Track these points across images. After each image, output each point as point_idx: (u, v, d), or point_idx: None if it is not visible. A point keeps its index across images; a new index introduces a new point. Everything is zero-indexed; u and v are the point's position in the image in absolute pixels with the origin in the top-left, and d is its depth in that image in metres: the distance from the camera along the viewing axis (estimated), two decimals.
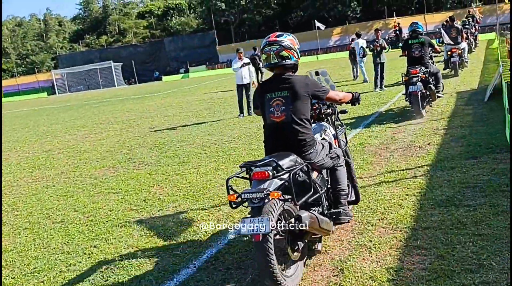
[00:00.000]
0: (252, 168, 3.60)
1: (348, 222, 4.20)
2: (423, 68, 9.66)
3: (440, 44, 15.24)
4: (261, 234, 3.25)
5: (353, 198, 4.56)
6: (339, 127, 4.76)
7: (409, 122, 9.09)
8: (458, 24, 17.24)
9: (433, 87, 9.93)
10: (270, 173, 3.50)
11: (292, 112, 3.87)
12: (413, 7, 52.52)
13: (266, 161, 3.57)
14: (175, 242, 4.79)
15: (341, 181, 4.18)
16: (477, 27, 25.06)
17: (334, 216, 4.08)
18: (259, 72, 23.96)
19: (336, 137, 4.57)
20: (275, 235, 3.41)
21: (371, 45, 15.02)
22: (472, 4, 39.60)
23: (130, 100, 26.14)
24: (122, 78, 53.89)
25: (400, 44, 12.38)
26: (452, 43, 15.12)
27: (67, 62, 60.39)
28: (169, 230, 5.14)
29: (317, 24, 34.67)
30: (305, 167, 3.75)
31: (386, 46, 15.05)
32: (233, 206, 3.62)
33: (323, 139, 4.36)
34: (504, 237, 3.83)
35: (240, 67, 13.46)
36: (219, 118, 13.84)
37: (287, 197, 3.56)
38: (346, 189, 4.22)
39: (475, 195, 4.80)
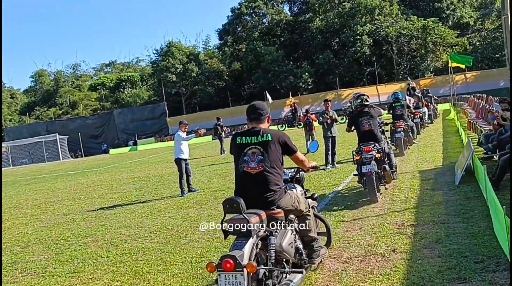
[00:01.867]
0: (362, 146, 8.25)
1: (395, 178, 9.12)
2: (404, 122, 13.47)
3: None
4: (372, 171, 7.81)
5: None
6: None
7: (367, 211, 7.33)
8: (418, 93, 21.34)
9: (411, 135, 14.57)
10: (372, 147, 8.13)
11: (372, 125, 8.62)
12: (365, 79, 52.94)
13: (370, 143, 8.26)
14: None
15: (392, 159, 9.12)
16: (434, 97, 25.00)
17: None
18: (221, 140, 23.24)
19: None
20: (375, 173, 7.88)
21: (321, 117, 13.53)
22: (408, 78, 39.95)
23: (65, 177, 23.73)
24: (68, 151, 51.17)
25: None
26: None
27: (13, 135, 57.22)
28: None
29: (267, 95, 33.82)
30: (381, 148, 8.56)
31: (338, 118, 13.67)
32: (355, 162, 8.43)
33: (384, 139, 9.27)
34: None
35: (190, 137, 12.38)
36: (147, 199, 11.94)
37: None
38: (395, 163, 9.26)
39: None
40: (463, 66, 19.82)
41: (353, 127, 9.03)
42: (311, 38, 54.24)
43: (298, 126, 37.76)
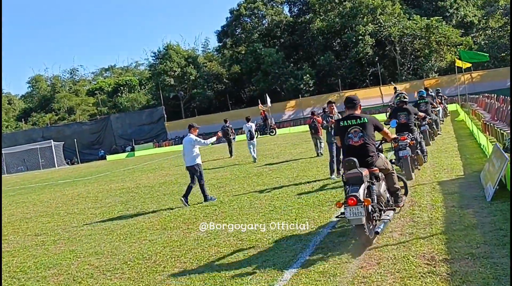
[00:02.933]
0: (399, 136, 9.50)
1: (426, 161, 11.04)
2: (428, 117, 14.26)
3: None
4: (407, 155, 9.47)
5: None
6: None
7: (384, 237, 5.96)
8: (431, 92, 21.72)
9: (435, 127, 16.15)
10: (407, 136, 9.80)
11: (408, 119, 10.47)
12: (367, 79, 51.56)
13: (405, 132, 9.98)
14: None
15: (423, 146, 11.05)
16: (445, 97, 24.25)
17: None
18: (231, 143, 22.88)
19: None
20: (409, 157, 9.48)
21: (325, 121, 12.17)
22: (392, 82, 38.64)
23: (53, 186, 22.40)
24: (64, 157, 49.76)
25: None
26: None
27: (9, 142, 55.44)
28: None
29: (267, 98, 32.54)
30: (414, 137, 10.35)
31: None
32: (393, 149, 10.03)
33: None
34: None
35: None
36: (130, 215, 10.68)
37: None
38: (425, 149, 11.23)
39: None
40: (468, 65, 18.49)
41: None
42: (312, 39, 52.91)
43: (270, 134, 37.92)
